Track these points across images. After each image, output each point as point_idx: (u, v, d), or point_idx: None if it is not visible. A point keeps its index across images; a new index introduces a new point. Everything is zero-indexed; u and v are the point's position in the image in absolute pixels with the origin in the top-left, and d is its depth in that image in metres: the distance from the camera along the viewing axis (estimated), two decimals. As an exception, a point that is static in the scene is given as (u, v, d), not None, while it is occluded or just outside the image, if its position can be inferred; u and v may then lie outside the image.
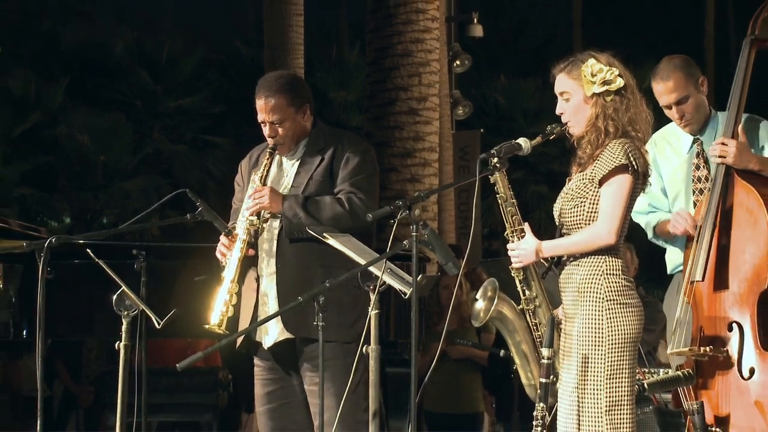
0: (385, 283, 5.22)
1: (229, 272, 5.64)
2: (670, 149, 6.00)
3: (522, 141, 5.10)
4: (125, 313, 5.70)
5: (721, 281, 5.53)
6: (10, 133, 21.80)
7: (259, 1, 16.90)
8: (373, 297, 5.20)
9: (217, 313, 5.60)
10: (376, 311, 5.21)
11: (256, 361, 5.84)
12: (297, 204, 5.63)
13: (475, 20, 18.23)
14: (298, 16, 14.80)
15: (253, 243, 5.73)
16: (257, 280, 5.75)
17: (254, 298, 5.74)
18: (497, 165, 5.05)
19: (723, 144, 5.63)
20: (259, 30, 17.69)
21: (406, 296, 5.19)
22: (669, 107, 5.87)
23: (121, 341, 5.72)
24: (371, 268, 5.21)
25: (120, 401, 5.74)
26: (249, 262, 5.76)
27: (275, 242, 5.71)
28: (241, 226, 5.70)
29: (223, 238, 5.72)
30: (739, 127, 5.67)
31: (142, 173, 23.82)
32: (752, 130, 5.85)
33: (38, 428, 5.85)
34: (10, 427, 9.52)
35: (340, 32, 30.70)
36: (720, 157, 5.62)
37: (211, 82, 25.29)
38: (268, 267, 5.73)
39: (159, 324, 5.68)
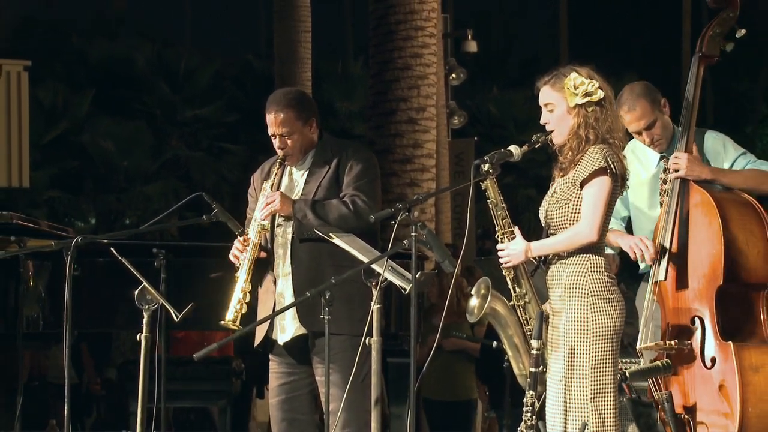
0: (386, 279, 5.21)
1: (243, 273, 5.66)
2: (638, 163, 5.97)
3: (513, 148, 5.10)
4: (146, 307, 5.69)
5: (682, 279, 5.55)
6: (40, 140, 21.80)
7: (270, 18, 16.89)
8: (375, 292, 5.20)
9: (231, 310, 5.63)
10: (378, 306, 5.21)
11: (271, 356, 5.86)
12: (306, 206, 5.66)
13: (470, 37, 18.24)
14: (306, 32, 14.80)
15: (264, 246, 5.75)
16: (274, 282, 5.77)
17: (272, 300, 5.77)
18: (490, 171, 5.05)
19: (676, 158, 5.64)
20: (270, 45, 17.68)
21: (406, 292, 5.20)
22: (639, 133, 5.85)
23: (142, 333, 5.71)
24: (374, 266, 5.21)
25: (141, 388, 5.73)
26: (264, 265, 5.78)
27: (289, 245, 5.73)
28: (253, 229, 5.71)
29: (236, 243, 5.73)
30: (685, 142, 5.67)
31: (162, 178, 23.83)
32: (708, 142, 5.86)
33: (65, 413, 5.85)
34: (40, 414, 9.50)
35: (345, 47, 30.71)
36: (674, 170, 5.63)
37: (226, 93, 25.29)
38: (283, 268, 5.75)
39: (177, 317, 5.68)
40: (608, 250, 5.78)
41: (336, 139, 5.99)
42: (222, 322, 5.64)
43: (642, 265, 5.92)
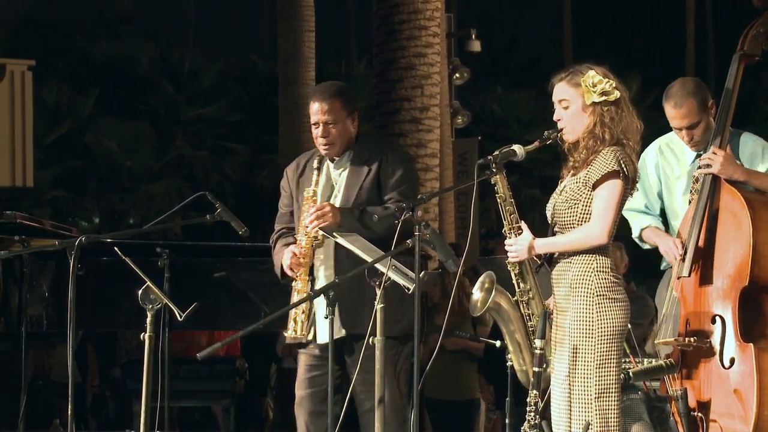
0: (390, 279, 5.21)
1: (302, 283, 5.72)
2: (673, 158, 5.94)
3: (516, 147, 5.08)
4: (150, 306, 5.68)
5: (706, 278, 5.51)
6: (44, 139, 21.79)
7: (273, 18, 16.91)
8: (378, 292, 5.19)
9: (299, 322, 5.69)
10: (382, 305, 5.20)
11: (301, 351, 5.89)
12: (353, 218, 5.68)
13: (474, 36, 18.24)
14: (310, 32, 14.78)
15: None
16: (312, 283, 5.78)
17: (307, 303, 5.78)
18: (494, 170, 5.04)
19: (713, 153, 5.59)
20: (274, 45, 17.68)
21: (410, 291, 5.19)
22: (680, 129, 5.80)
23: (146, 332, 5.71)
24: (377, 265, 5.21)
25: (145, 388, 5.72)
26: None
27: (331, 249, 5.75)
28: (303, 239, 5.74)
29: (288, 255, 5.73)
30: (720, 139, 5.64)
31: (166, 177, 23.83)
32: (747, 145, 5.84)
33: (69, 413, 5.85)
34: (43, 413, 9.50)
35: (349, 47, 30.71)
36: (707, 166, 5.58)
37: (230, 92, 25.29)
38: (325, 271, 5.77)
39: (181, 317, 5.68)
40: (646, 246, 5.86)
41: (373, 138, 6.03)
42: (288, 335, 5.72)
43: (663, 263, 5.90)
